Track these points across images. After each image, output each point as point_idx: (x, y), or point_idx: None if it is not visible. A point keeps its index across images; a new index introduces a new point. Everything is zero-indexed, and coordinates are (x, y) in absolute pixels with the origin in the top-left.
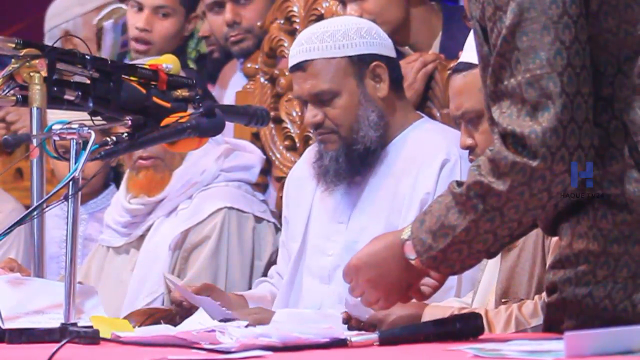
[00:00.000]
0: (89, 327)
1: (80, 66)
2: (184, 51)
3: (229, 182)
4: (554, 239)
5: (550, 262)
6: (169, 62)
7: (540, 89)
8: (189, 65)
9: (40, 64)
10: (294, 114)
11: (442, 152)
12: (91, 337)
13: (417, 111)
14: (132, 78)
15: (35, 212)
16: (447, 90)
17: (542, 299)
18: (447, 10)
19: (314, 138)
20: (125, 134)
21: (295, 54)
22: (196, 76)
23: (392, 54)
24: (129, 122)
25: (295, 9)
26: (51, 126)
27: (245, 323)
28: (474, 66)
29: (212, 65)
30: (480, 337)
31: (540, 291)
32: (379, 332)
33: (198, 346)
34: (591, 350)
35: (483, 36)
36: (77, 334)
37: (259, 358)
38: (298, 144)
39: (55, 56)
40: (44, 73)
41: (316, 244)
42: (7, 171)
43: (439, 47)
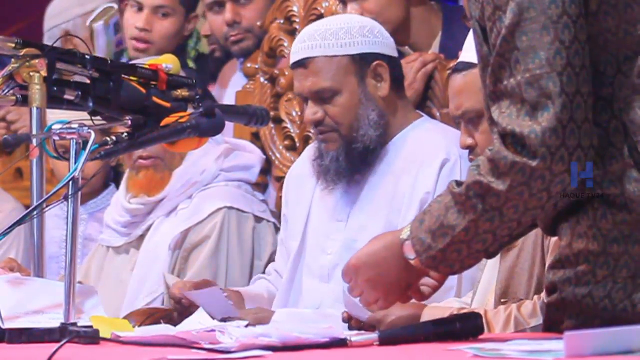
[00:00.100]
0: (89, 327)
1: (80, 66)
2: (184, 51)
3: (229, 182)
4: (553, 239)
5: (550, 262)
6: (169, 62)
7: (540, 89)
8: (189, 65)
9: (40, 64)
10: (294, 114)
11: (442, 152)
12: (91, 337)
13: (417, 111)
14: (132, 78)
15: (35, 212)
16: (447, 90)
17: (541, 299)
18: (447, 10)
19: (314, 137)
20: (125, 134)
21: (297, 51)
22: (196, 76)
23: (394, 53)
24: (129, 122)
25: (295, 9)
26: (51, 126)
27: (245, 323)
28: (474, 66)
29: (214, 64)
30: (480, 337)
31: (540, 291)
32: (379, 332)
33: (198, 346)
34: (591, 350)
35: (483, 36)
36: (77, 334)
37: (259, 358)
38: (298, 144)
39: (55, 56)
40: (44, 73)
41: (316, 243)
42: (7, 171)
43: (439, 47)
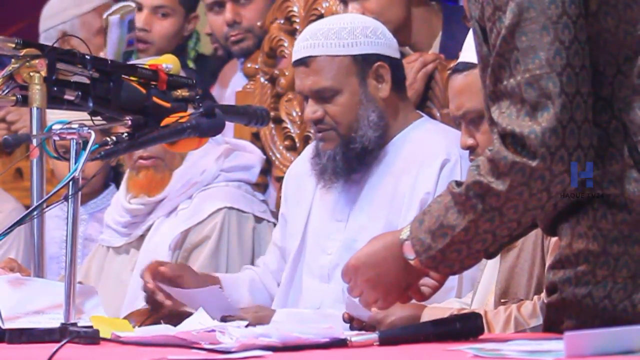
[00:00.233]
0: (89, 327)
1: (80, 66)
2: (184, 51)
3: (229, 182)
4: (553, 239)
5: (550, 262)
6: (169, 62)
7: (540, 89)
8: (189, 65)
9: (40, 64)
10: (294, 114)
11: (443, 152)
12: (91, 337)
13: (417, 111)
14: (132, 78)
15: (35, 212)
16: (447, 90)
17: (541, 299)
18: (447, 10)
19: (314, 136)
20: (125, 134)
21: (299, 49)
22: (196, 76)
23: (396, 54)
24: (129, 122)
25: (296, 9)
26: (51, 126)
27: (246, 323)
28: (474, 66)
29: (216, 63)
30: (480, 337)
31: (540, 291)
32: (379, 332)
33: (198, 346)
34: (591, 350)
35: (482, 36)
36: (77, 334)
37: (259, 358)
38: (298, 144)
39: (55, 56)
40: (44, 73)
41: (316, 243)
42: (7, 171)
43: (439, 47)
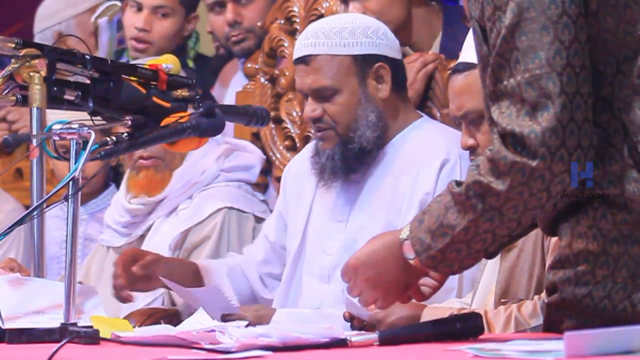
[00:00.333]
0: (89, 327)
1: (80, 66)
2: (184, 51)
3: (229, 182)
4: (553, 239)
5: (550, 262)
6: (169, 62)
7: (540, 88)
8: (189, 65)
9: (40, 64)
10: (294, 114)
11: (442, 152)
12: (91, 337)
13: (417, 111)
14: (132, 78)
15: (35, 212)
16: (447, 90)
17: (541, 299)
18: (447, 10)
19: (313, 135)
20: (125, 134)
21: (300, 47)
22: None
23: (397, 55)
24: (129, 122)
25: (296, 9)
26: (51, 126)
27: (246, 323)
28: (474, 66)
29: (216, 63)
30: (480, 337)
31: (540, 291)
32: (379, 332)
33: (198, 346)
34: (591, 350)
35: (482, 36)
36: (77, 334)
37: (259, 358)
38: (298, 144)
39: (55, 56)
40: (44, 73)
41: (316, 243)
42: (7, 171)
43: (439, 47)
